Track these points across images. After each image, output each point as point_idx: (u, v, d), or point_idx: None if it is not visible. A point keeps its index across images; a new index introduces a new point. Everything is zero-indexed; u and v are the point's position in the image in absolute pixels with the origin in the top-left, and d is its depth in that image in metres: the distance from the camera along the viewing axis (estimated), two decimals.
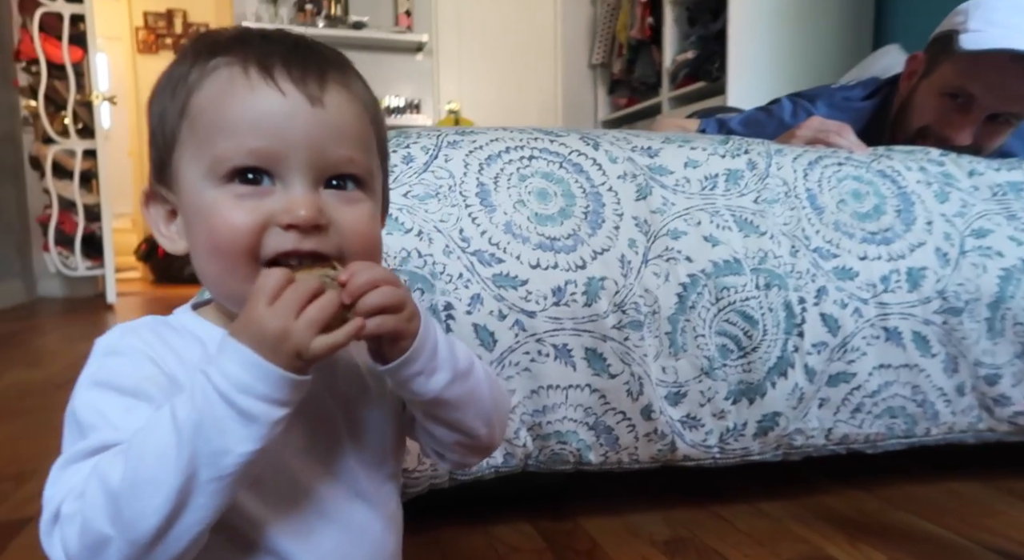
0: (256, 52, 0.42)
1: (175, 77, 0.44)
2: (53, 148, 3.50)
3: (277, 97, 0.41)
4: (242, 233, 0.41)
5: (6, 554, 0.88)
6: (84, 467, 0.37)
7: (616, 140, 0.99)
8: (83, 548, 0.36)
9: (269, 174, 0.42)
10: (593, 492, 1.05)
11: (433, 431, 0.48)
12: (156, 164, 0.46)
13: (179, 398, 0.37)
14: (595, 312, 0.84)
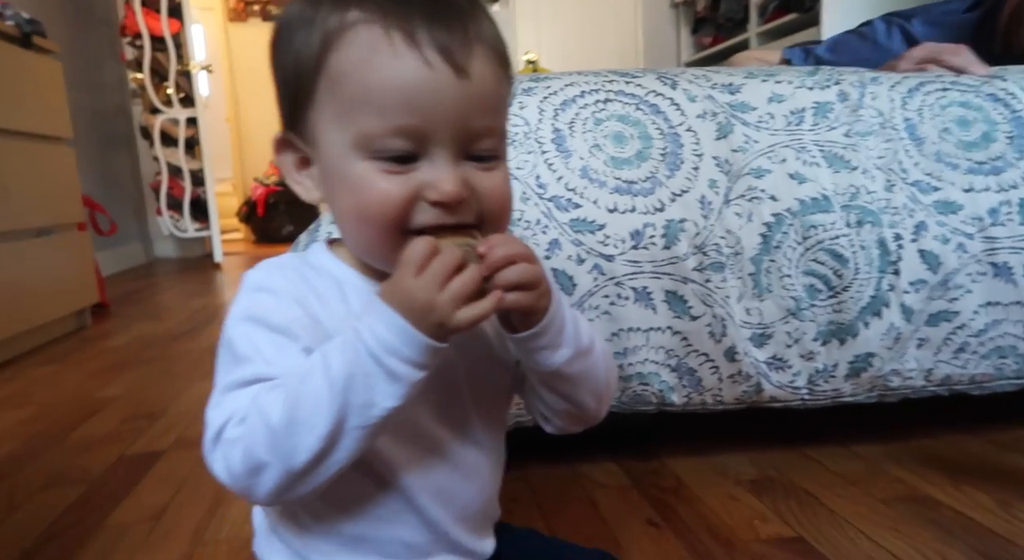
0: (397, 10, 0.40)
1: (307, 17, 0.43)
2: (159, 117, 3.73)
3: (423, 70, 0.40)
4: (392, 208, 0.41)
5: (144, 481, 1.00)
6: (242, 396, 0.41)
7: (695, 78, 0.96)
8: (244, 469, 0.40)
9: (415, 149, 0.41)
10: (678, 433, 1.06)
11: (545, 398, 0.50)
12: (287, 111, 0.46)
13: (332, 350, 0.40)
14: (675, 255, 0.84)
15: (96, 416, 1.30)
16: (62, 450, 1.13)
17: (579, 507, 0.86)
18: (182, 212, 3.84)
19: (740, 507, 0.85)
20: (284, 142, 0.47)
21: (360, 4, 0.41)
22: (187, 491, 0.95)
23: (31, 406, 1.38)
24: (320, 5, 0.43)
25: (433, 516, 0.47)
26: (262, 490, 0.40)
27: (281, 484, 0.40)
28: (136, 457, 1.09)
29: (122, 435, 1.19)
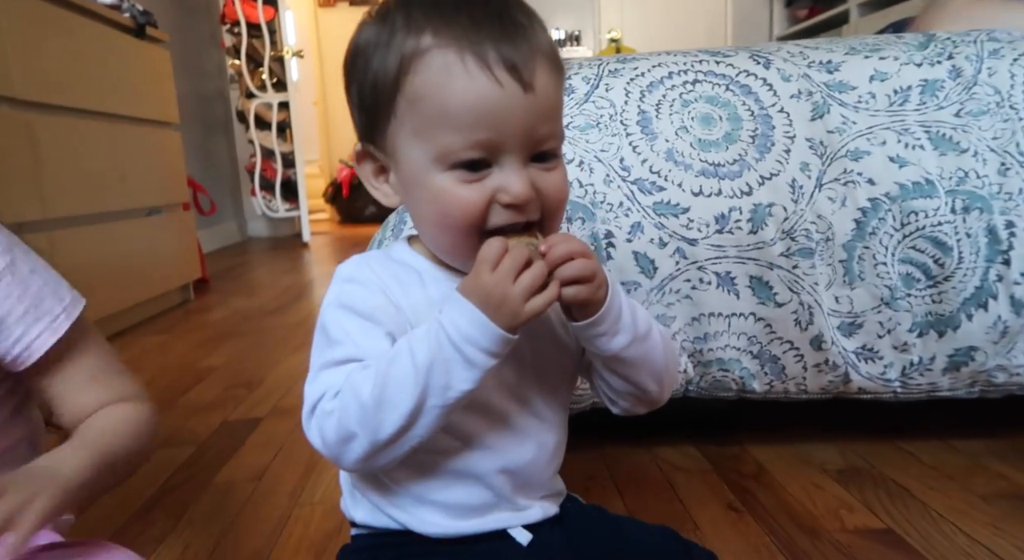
0: (468, 34, 0.44)
1: (383, 41, 0.46)
2: (254, 102, 3.90)
3: (495, 89, 0.44)
4: (472, 214, 0.46)
5: (246, 444, 1.07)
6: (336, 373, 0.46)
7: (791, 56, 0.93)
8: (336, 439, 0.45)
9: (489, 158, 0.46)
10: (760, 419, 1.05)
11: (609, 380, 0.53)
12: (365, 125, 0.50)
13: (417, 338, 0.44)
14: (761, 239, 0.82)
15: (201, 384, 1.40)
16: (173, 414, 1.23)
17: (657, 489, 0.87)
18: (274, 193, 4.02)
19: (825, 496, 0.83)
20: (363, 153, 0.51)
21: (433, 28, 0.45)
22: (284, 455, 1.02)
23: (144, 373, 1.50)
24: (395, 30, 0.46)
25: (497, 483, 0.51)
26: (350, 458, 0.46)
27: (367, 453, 0.45)
28: (238, 422, 1.17)
29: (224, 402, 1.28)
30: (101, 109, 1.83)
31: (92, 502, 0.56)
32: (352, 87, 0.50)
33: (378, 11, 0.49)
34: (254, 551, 0.77)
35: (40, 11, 1.59)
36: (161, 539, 0.80)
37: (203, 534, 0.81)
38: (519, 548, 0.52)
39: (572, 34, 4.07)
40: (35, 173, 1.51)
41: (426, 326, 0.45)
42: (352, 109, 0.52)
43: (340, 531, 0.79)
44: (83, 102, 1.75)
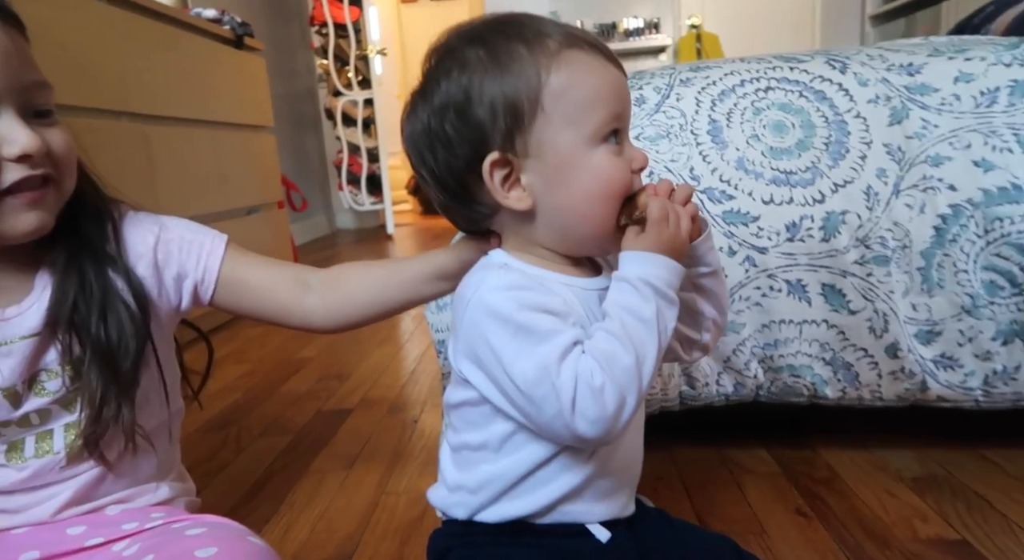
0: (578, 40, 0.54)
1: (510, 59, 0.52)
2: (341, 100, 4.07)
3: (618, 73, 0.55)
4: (627, 179, 0.54)
5: (338, 434, 1.16)
6: (570, 363, 0.49)
7: (869, 59, 0.92)
8: (615, 408, 0.49)
9: (620, 129, 0.55)
10: (834, 424, 1.04)
11: (701, 308, 0.61)
12: (504, 134, 0.53)
13: (622, 301, 0.52)
14: (833, 247, 0.82)
15: (297, 374, 1.51)
16: (273, 403, 1.34)
17: (725, 491, 0.89)
18: (360, 187, 4.19)
19: (899, 504, 0.83)
20: (498, 161, 0.53)
21: (551, 38, 0.53)
22: (371, 446, 1.10)
23: (248, 363, 1.63)
24: (515, 51, 0.53)
25: (604, 475, 0.56)
26: (622, 421, 0.49)
27: (634, 409, 0.50)
28: (330, 413, 1.26)
29: (318, 393, 1.38)
30: (205, 117, 1.97)
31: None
32: (470, 114, 0.53)
33: (474, 53, 0.53)
34: (346, 535, 0.84)
35: (152, 30, 1.74)
36: (265, 520, 0.89)
37: (302, 517, 0.89)
38: (598, 544, 0.55)
39: (651, 22, 4.00)
40: (150, 178, 1.66)
41: (620, 290, 0.52)
42: (465, 134, 0.54)
43: (423, 519, 0.86)
44: (189, 112, 1.89)
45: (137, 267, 0.63)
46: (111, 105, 1.54)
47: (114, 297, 0.60)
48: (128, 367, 0.60)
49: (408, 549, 0.80)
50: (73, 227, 0.61)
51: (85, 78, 1.46)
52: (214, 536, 0.56)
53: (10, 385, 0.58)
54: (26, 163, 0.54)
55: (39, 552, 0.58)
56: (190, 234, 0.67)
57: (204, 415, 1.28)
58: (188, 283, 0.66)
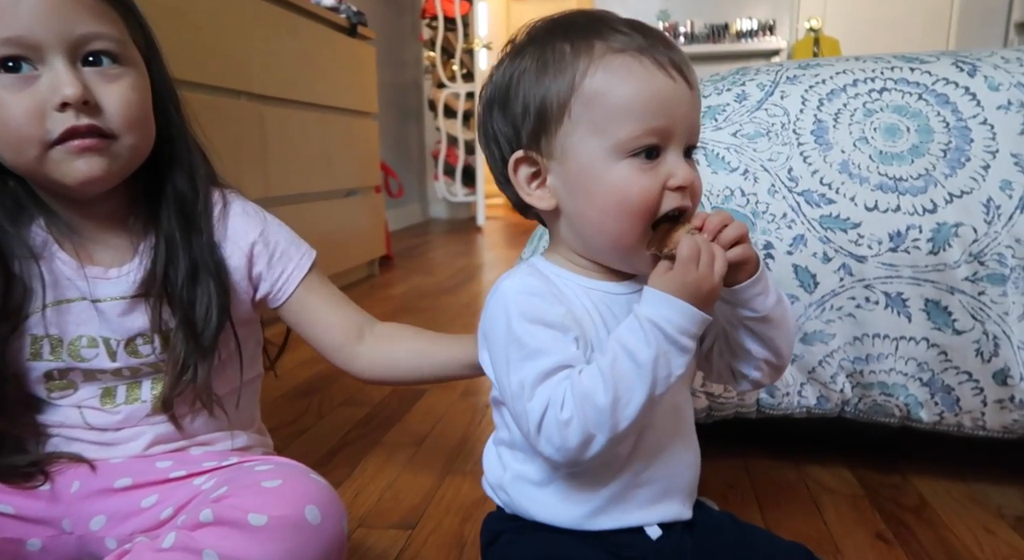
0: (638, 43, 0.50)
1: (550, 60, 0.51)
2: (444, 92, 4.16)
3: (670, 83, 0.50)
4: (651, 199, 0.50)
5: (412, 411, 1.19)
6: (550, 385, 0.49)
7: (1004, 62, 0.85)
8: (578, 443, 0.49)
9: (662, 144, 0.51)
10: (930, 451, 0.97)
11: (749, 347, 0.56)
12: (524, 134, 0.54)
13: (628, 338, 0.49)
14: (942, 261, 0.77)
15: None
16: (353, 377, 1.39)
17: (800, 507, 0.85)
18: (454, 178, 4.27)
19: (996, 542, 0.77)
20: (523, 159, 0.54)
21: (603, 41, 0.51)
22: (443, 426, 1.12)
23: None
24: (563, 50, 0.51)
25: (646, 484, 0.55)
26: (589, 454, 0.49)
27: (605, 449, 0.49)
28: (406, 391, 1.29)
29: None
30: (315, 101, 2.07)
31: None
32: (509, 109, 0.54)
33: (530, 45, 0.53)
34: (411, 507, 0.86)
35: (276, 15, 1.84)
36: (338, 484, 0.92)
37: (371, 485, 0.92)
38: (648, 541, 0.55)
39: (765, 23, 3.86)
40: (262, 157, 1.76)
41: (629, 326, 0.49)
42: (500, 132, 0.55)
43: (485, 500, 0.86)
44: (302, 95, 1.99)
45: (231, 252, 0.67)
46: (233, 85, 1.64)
47: (202, 270, 0.64)
48: (209, 337, 0.64)
49: (468, 527, 0.81)
50: (176, 198, 0.65)
51: (213, 58, 1.56)
52: (279, 471, 0.60)
53: (108, 336, 0.63)
54: (69, 111, 0.54)
55: (131, 479, 0.63)
56: (285, 243, 0.71)
57: (291, 382, 1.34)
58: (265, 285, 0.70)
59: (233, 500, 0.55)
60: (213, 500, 0.56)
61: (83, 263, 0.62)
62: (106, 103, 0.57)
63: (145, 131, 0.61)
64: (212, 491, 0.59)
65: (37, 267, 0.61)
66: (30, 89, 0.54)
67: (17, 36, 0.53)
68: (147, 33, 0.63)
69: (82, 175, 0.57)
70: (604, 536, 0.55)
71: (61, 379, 0.64)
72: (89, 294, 0.62)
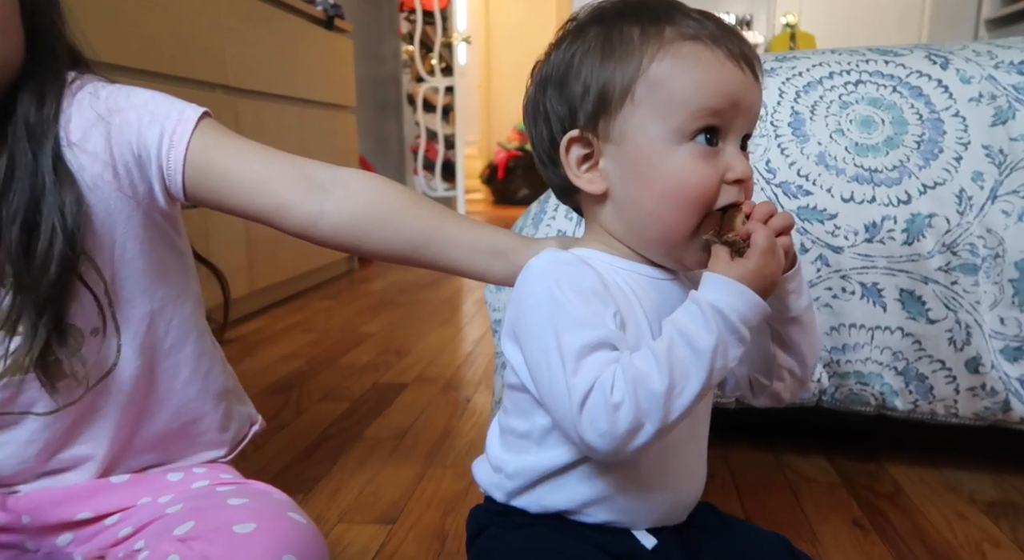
0: (711, 32, 0.49)
1: (620, 40, 0.50)
2: (423, 86, 4.13)
3: (740, 74, 0.49)
4: (710, 188, 0.49)
5: (392, 405, 1.18)
6: (596, 362, 0.46)
7: (975, 55, 0.86)
8: (626, 430, 0.45)
9: (722, 128, 0.49)
10: (904, 439, 0.99)
11: (775, 353, 0.55)
12: (590, 115, 0.51)
13: (685, 324, 0.46)
14: (916, 251, 0.78)
15: (359, 347, 1.55)
16: (334, 371, 1.38)
17: (779, 496, 0.86)
18: (434, 172, 4.25)
19: (968, 527, 0.78)
20: (577, 138, 0.52)
21: (673, 27, 0.50)
22: (424, 420, 1.11)
23: (314, 332, 1.68)
24: (630, 33, 0.50)
25: (661, 500, 0.55)
26: (635, 444, 0.45)
27: (653, 440, 0.45)
28: (387, 385, 1.29)
29: (377, 365, 1.41)
30: (291, 94, 2.04)
31: None
32: (566, 87, 0.52)
33: (594, 26, 0.52)
34: (392, 501, 0.86)
35: (251, 7, 1.81)
36: (317, 480, 0.92)
37: (351, 481, 0.91)
38: (642, 548, 0.54)
39: (743, 19, 3.88)
40: None
41: (687, 311, 0.47)
42: (557, 108, 0.53)
43: (467, 494, 0.86)
44: (278, 88, 1.96)
45: (83, 147, 0.53)
46: (207, 77, 1.61)
47: (44, 202, 0.51)
48: (45, 285, 0.52)
49: (450, 520, 0.81)
50: (23, 114, 0.52)
51: (187, 50, 1.53)
52: (255, 510, 0.55)
53: None
54: None
55: (92, 512, 0.60)
56: (149, 99, 0.55)
57: (269, 377, 1.33)
58: (153, 167, 0.55)
59: (202, 546, 0.50)
60: (179, 539, 0.52)
61: None
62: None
63: (9, 41, 0.50)
64: (177, 522, 0.55)
65: None
66: None
67: None
68: None
69: None
70: (594, 536, 0.53)
71: None
72: None
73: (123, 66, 1.31)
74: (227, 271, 0.77)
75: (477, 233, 0.60)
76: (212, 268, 0.72)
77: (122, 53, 1.31)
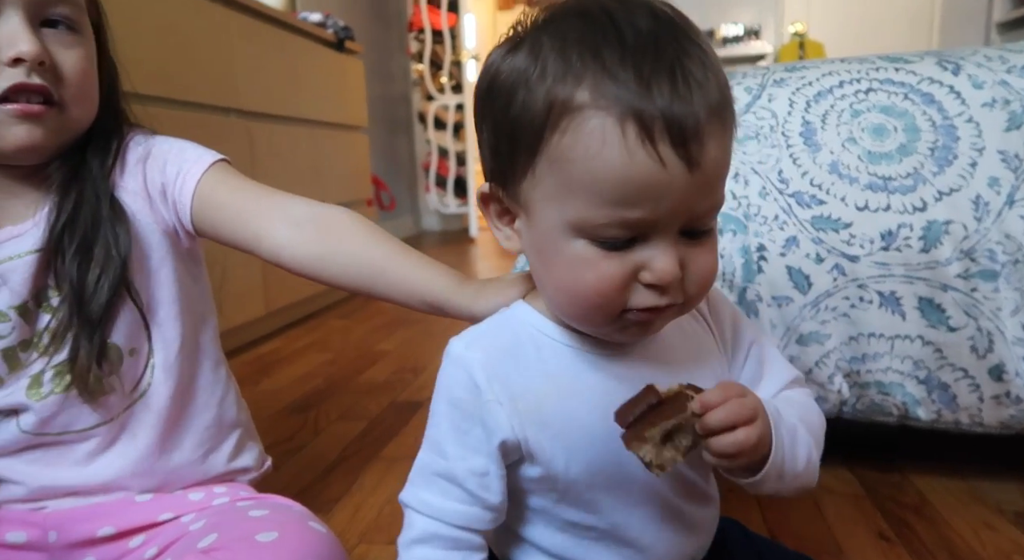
0: (632, 97, 0.37)
1: (531, 82, 0.41)
2: (433, 104, 4.17)
3: (657, 168, 0.38)
4: (610, 290, 0.41)
5: (409, 424, 1.18)
6: (430, 493, 0.47)
7: (987, 61, 0.86)
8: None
9: (636, 236, 0.40)
10: (929, 449, 0.97)
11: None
12: (496, 168, 0.45)
13: None
14: (934, 259, 0.77)
15: (375, 366, 1.55)
16: (350, 390, 1.38)
17: (802, 508, 0.84)
18: (446, 189, 4.27)
19: (997, 538, 0.77)
20: (490, 195, 0.46)
21: (592, 80, 0.38)
22: None
23: (330, 352, 1.69)
24: (546, 71, 0.40)
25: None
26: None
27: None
28: (403, 404, 1.29)
29: (393, 384, 1.41)
30: (304, 116, 2.07)
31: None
32: (486, 123, 0.46)
33: (528, 39, 0.42)
34: None
35: (263, 32, 1.84)
36: (336, 500, 0.91)
37: (370, 501, 0.91)
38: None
39: (751, 29, 3.89)
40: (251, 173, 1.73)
41: None
42: (482, 146, 0.47)
43: None
44: (291, 110, 1.99)
45: (127, 187, 0.61)
46: (221, 101, 1.64)
47: (103, 236, 0.58)
48: (97, 310, 0.57)
49: None
50: (80, 157, 0.60)
51: (201, 76, 1.56)
52: (276, 520, 0.57)
53: (21, 302, 0.58)
54: (21, 68, 0.52)
55: (114, 528, 0.61)
56: (179, 146, 0.63)
57: (286, 399, 1.33)
58: (170, 200, 0.61)
59: (225, 556, 0.52)
60: (203, 551, 0.53)
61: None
62: (64, 68, 0.54)
63: (91, 105, 0.59)
64: (200, 536, 0.56)
65: None
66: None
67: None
68: (99, 6, 0.62)
69: (19, 141, 0.54)
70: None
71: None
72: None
73: (138, 94, 1.33)
74: (243, 292, 0.79)
75: (416, 279, 0.58)
76: None
77: (137, 81, 1.34)
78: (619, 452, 0.41)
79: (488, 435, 0.45)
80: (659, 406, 0.40)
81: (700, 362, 0.50)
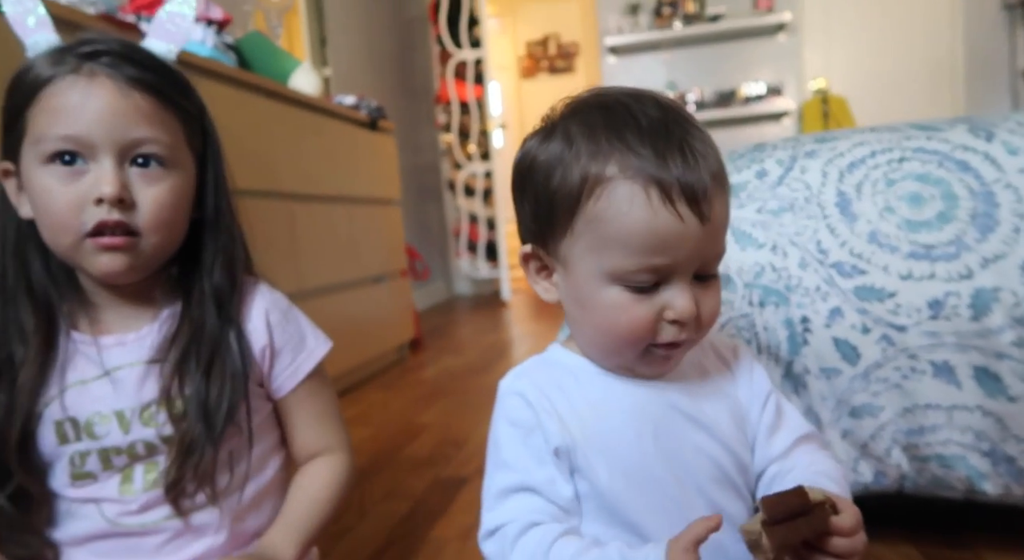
0: (652, 168, 0.48)
1: (567, 163, 0.51)
2: (462, 172, 4.27)
3: (676, 223, 0.48)
4: (641, 329, 0.51)
5: (455, 502, 1.17)
6: (513, 505, 0.53)
7: (1020, 126, 0.86)
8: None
9: (660, 280, 0.51)
10: (1002, 524, 0.93)
11: None
12: (536, 230, 0.55)
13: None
14: (985, 327, 0.76)
15: (416, 440, 1.55)
16: (393, 468, 1.38)
17: None
18: (477, 254, 4.33)
19: None
20: (531, 255, 0.57)
21: (619, 158, 0.49)
22: None
23: (370, 427, 1.69)
24: (579, 154, 0.51)
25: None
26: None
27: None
28: (448, 480, 1.28)
29: (436, 459, 1.41)
30: (341, 194, 2.14)
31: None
32: (526, 197, 0.56)
33: (558, 128, 0.53)
34: None
35: (301, 117, 1.93)
36: None
37: None
38: None
39: (773, 86, 3.94)
40: (293, 252, 1.81)
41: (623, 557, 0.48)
42: (522, 215, 0.58)
43: None
44: (329, 189, 2.06)
45: (254, 329, 0.68)
46: (264, 186, 1.71)
47: (223, 354, 0.65)
48: (220, 419, 0.63)
49: None
50: (213, 288, 0.67)
51: (245, 163, 1.63)
52: None
53: (122, 408, 0.63)
54: (104, 206, 0.58)
55: None
56: (296, 322, 0.73)
57: None
58: (273, 374, 0.70)
59: None
60: None
61: (96, 334, 0.64)
62: (141, 202, 0.61)
63: (171, 232, 0.64)
64: None
65: (52, 352, 0.63)
66: (77, 182, 0.59)
67: (77, 135, 0.58)
68: (209, 136, 0.70)
69: (105, 268, 0.61)
70: None
71: (82, 466, 0.63)
72: (102, 365, 0.63)
73: None
74: None
75: (278, 540, 0.67)
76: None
77: None
78: (653, 465, 0.53)
79: (546, 440, 0.53)
80: (805, 515, 0.44)
81: (712, 396, 0.58)
